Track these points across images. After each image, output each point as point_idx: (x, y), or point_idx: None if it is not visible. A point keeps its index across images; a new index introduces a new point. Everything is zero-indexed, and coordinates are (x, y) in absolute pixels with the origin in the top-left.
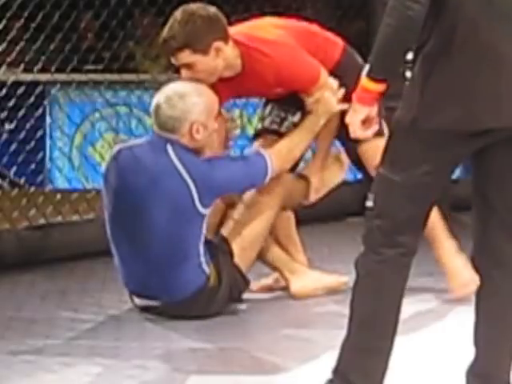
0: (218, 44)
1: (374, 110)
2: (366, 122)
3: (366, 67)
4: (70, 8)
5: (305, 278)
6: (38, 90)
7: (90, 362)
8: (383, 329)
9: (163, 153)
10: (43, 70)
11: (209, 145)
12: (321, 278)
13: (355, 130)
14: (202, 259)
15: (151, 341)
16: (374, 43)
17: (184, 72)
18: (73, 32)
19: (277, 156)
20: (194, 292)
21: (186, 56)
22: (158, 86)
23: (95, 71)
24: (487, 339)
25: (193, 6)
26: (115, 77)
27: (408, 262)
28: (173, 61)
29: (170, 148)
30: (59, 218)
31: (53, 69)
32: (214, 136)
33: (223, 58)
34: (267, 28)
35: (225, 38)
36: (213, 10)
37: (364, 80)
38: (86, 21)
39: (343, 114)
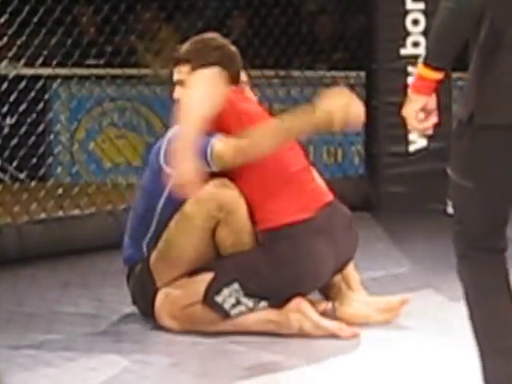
0: None
1: (431, 101)
2: (423, 113)
3: (423, 54)
4: (71, 2)
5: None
6: (40, 84)
7: (90, 357)
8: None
9: None
10: (44, 65)
11: None
12: (371, 301)
13: (412, 123)
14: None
15: (152, 336)
16: (432, 28)
17: (177, 90)
18: (74, 26)
19: (233, 145)
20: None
21: (185, 71)
22: (159, 80)
23: (96, 66)
24: None
25: (219, 38)
26: (117, 71)
27: (503, 258)
28: (173, 75)
29: None
30: (60, 213)
31: (54, 63)
32: None
33: None
34: None
35: (231, 75)
36: (234, 49)
37: (420, 68)
38: (87, 15)
39: None
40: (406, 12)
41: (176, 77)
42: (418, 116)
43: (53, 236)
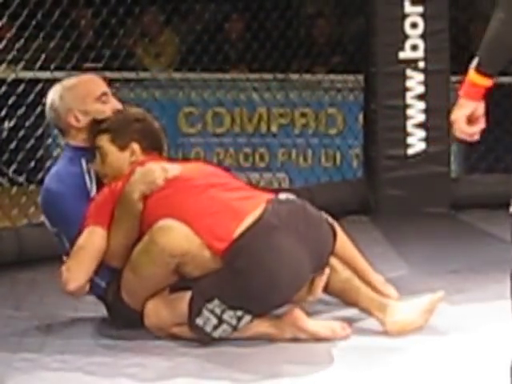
0: (136, 147)
1: (480, 107)
2: (471, 118)
3: (475, 60)
4: (69, 6)
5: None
6: (38, 87)
7: (89, 360)
8: None
9: None
10: (43, 68)
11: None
12: (413, 304)
13: (460, 127)
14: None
15: (151, 339)
16: (484, 37)
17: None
18: (73, 30)
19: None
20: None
21: (105, 140)
22: (157, 83)
23: (95, 69)
24: None
25: (143, 112)
26: (115, 75)
27: None
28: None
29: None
30: None
31: (52, 67)
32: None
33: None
34: None
35: (151, 147)
36: (157, 124)
37: (472, 74)
38: (85, 19)
39: None
40: (405, 15)
41: (96, 143)
42: (466, 121)
43: (51, 239)
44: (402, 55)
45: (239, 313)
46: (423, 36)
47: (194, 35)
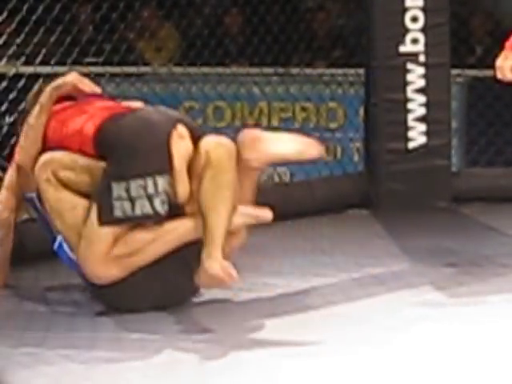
0: None
1: None
2: None
3: None
4: (70, 1)
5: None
6: (39, 82)
7: (91, 355)
8: None
9: None
10: (44, 63)
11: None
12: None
13: (505, 74)
14: None
15: (153, 333)
16: None
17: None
18: (73, 24)
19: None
20: None
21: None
22: (158, 78)
23: (95, 64)
24: None
25: None
26: (116, 69)
27: None
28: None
29: None
30: None
31: (53, 61)
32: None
33: None
34: None
35: None
36: None
37: None
38: (86, 13)
39: None
40: (405, 9)
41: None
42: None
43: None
44: (403, 49)
45: (140, 181)
46: (424, 30)
47: (195, 29)
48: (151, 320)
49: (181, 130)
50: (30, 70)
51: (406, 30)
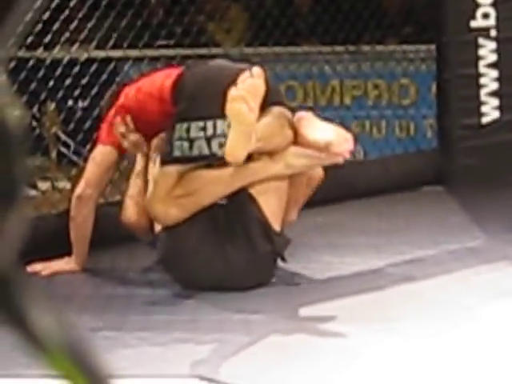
0: None
1: None
2: None
3: None
4: None
5: None
6: (111, 66)
7: (168, 337)
8: None
9: None
10: (115, 47)
11: None
12: None
13: None
14: None
15: (230, 313)
16: None
17: None
18: (143, 8)
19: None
20: None
21: None
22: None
23: (167, 46)
24: None
25: None
26: (187, 51)
27: None
28: None
29: None
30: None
31: (125, 45)
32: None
33: None
34: None
35: None
36: None
37: None
38: None
39: None
40: None
41: None
42: None
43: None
44: (474, 24)
45: (200, 123)
46: (494, 4)
47: (264, 11)
48: (227, 299)
49: (254, 70)
50: (101, 54)
51: (477, 5)
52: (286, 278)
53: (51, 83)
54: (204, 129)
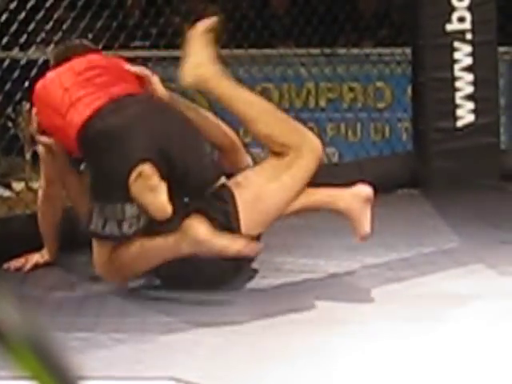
0: None
1: None
2: None
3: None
4: None
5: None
6: None
7: (141, 338)
8: None
9: None
10: None
11: None
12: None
13: None
14: None
15: (203, 315)
16: None
17: None
18: (119, 9)
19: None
20: None
21: None
22: None
23: (143, 48)
24: None
25: None
26: (163, 53)
27: None
28: None
29: None
30: None
31: (100, 46)
32: None
33: None
34: None
35: None
36: None
37: None
38: None
39: None
40: None
41: None
42: None
43: None
44: (450, 27)
45: (110, 205)
46: (470, 8)
47: (240, 12)
48: (201, 302)
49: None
50: None
51: (453, 9)
52: (259, 280)
53: (26, 83)
54: (114, 212)
